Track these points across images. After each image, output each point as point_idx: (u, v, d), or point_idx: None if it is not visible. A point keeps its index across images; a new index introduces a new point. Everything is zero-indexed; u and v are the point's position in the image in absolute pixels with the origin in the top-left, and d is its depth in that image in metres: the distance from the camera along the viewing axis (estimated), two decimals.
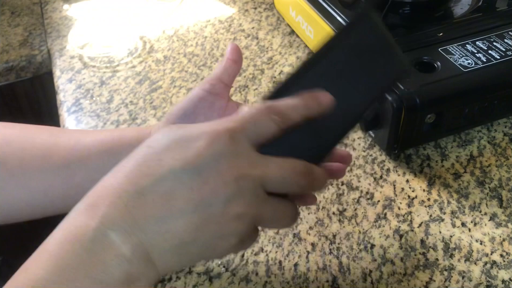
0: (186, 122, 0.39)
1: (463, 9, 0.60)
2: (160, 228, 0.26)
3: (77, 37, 0.77)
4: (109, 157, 0.38)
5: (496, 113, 0.54)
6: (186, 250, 0.27)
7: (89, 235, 0.25)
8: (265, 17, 0.78)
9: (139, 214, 0.26)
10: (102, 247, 0.25)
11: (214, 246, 0.28)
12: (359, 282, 0.42)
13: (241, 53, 0.42)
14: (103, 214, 0.26)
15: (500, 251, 0.43)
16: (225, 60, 0.42)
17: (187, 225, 0.27)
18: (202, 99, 0.40)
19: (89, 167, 0.38)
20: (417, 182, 0.50)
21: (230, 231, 0.28)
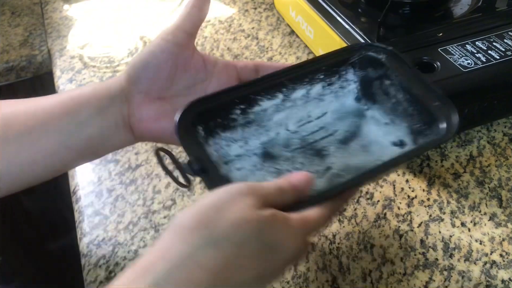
0: (148, 75, 0.38)
1: (462, 9, 0.60)
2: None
3: (77, 37, 0.77)
4: (69, 118, 0.37)
5: (495, 113, 0.54)
6: None
7: None
8: (265, 17, 0.78)
9: None
10: None
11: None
12: (359, 282, 0.42)
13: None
14: None
15: (500, 251, 0.43)
16: (189, 7, 0.38)
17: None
18: (164, 51, 0.38)
19: (51, 130, 0.37)
20: (416, 182, 0.50)
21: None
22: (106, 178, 0.53)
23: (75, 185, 0.53)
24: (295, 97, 0.42)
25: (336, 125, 0.42)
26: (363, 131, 0.42)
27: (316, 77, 0.42)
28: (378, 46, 0.41)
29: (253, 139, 0.41)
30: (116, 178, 0.53)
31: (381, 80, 0.41)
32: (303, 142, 0.41)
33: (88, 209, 0.50)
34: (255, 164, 0.40)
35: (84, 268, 0.45)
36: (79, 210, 0.50)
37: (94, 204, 0.51)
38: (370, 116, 0.42)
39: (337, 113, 0.43)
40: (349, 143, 0.41)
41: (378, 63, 0.41)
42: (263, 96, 0.40)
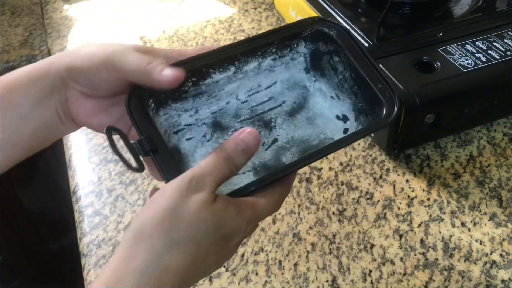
0: (91, 84, 0.37)
1: (462, 9, 0.60)
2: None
3: (78, 37, 0.77)
4: (10, 112, 0.36)
5: (495, 113, 0.54)
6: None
7: None
8: (265, 17, 0.78)
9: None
10: None
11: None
12: (359, 282, 0.42)
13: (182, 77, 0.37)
14: None
15: (500, 251, 0.43)
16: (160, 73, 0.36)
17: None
18: (113, 78, 0.36)
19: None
20: (416, 182, 0.50)
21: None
22: (106, 178, 0.53)
23: (75, 185, 0.53)
24: (247, 69, 0.42)
25: (285, 96, 0.43)
26: (309, 103, 0.43)
27: (268, 50, 0.42)
28: (331, 22, 0.42)
29: (204, 109, 0.41)
30: (116, 178, 0.53)
31: (331, 55, 0.42)
32: (252, 112, 0.42)
33: (88, 209, 0.50)
34: (205, 134, 0.41)
35: (84, 268, 0.45)
36: (79, 210, 0.50)
37: (94, 204, 0.51)
38: (317, 88, 0.43)
39: (286, 83, 0.44)
40: (295, 115, 0.42)
41: (329, 38, 0.41)
42: (215, 69, 0.40)
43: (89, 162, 0.56)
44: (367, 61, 0.39)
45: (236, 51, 0.40)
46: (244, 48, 0.41)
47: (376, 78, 0.38)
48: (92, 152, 0.57)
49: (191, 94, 0.40)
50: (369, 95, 0.38)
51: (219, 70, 0.41)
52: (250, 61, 0.42)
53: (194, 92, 0.40)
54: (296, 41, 0.42)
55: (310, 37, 0.43)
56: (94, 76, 0.36)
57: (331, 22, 0.42)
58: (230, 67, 0.41)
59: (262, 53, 0.42)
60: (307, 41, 0.43)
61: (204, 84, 0.40)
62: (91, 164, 0.55)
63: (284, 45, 0.42)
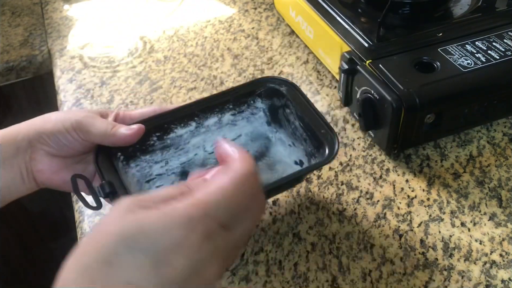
0: (56, 147, 0.41)
1: (462, 9, 0.60)
2: None
3: (78, 37, 0.77)
4: None
5: (495, 113, 0.54)
6: None
7: None
8: (265, 18, 0.78)
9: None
10: None
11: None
12: (359, 281, 0.42)
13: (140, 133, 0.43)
14: None
15: (500, 251, 0.43)
16: (119, 132, 0.41)
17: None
18: (75, 141, 0.41)
19: None
20: (416, 182, 0.50)
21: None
22: None
23: None
24: (208, 123, 0.47)
25: (248, 146, 0.48)
26: (270, 151, 0.48)
27: (225, 107, 0.47)
28: (280, 79, 0.47)
29: (173, 160, 0.46)
30: None
31: (283, 108, 0.47)
32: (217, 162, 0.45)
33: (88, 209, 0.50)
34: (173, 182, 0.46)
35: None
36: (79, 210, 0.50)
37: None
38: (278, 138, 0.49)
39: (250, 135, 0.49)
40: (257, 163, 0.47)
41: (280, 93, 0.47)
42: (176, 124, 0.45)
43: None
44: (312, 110, 0.44)
45: (195, 109, 0.45)
46: (201, 106, 0.46)
47: (319, 124, 0.43)
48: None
49: (158, 147, 0.45)
50: (315, 139, 0.43)
51: (180, 126, 0.45)
52: (209, 117, 0.46)
53: (160, 145, 0.45)
54: (252, 98, 0.48)
55: (264, 94, 0.48)
56: (63, 137, 0.41)
57: (281, 78, 0.47)
58: (191, 123, 0.46)
59: (220, 110, 0.47)
60: (262, 98, 0.48)
61: (168, 138, 0.45)
62: None
63: (241, 102, 0.47)
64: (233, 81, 0.65)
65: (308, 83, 0.64)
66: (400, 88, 0.47)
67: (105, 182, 0.39)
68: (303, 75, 0.66)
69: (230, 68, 0.68)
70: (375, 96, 0.49)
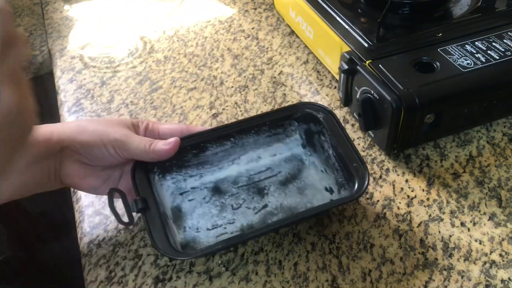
0: (88, 157, 0.43)
1: (462, 9, 0.60)
2: None
3: (78, 37, 0.77)
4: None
5: (495, 113, 0.54)
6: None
7: None
8: (265, 18, 0.79)
9: None
10: None
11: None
12: (359, 281, 0.42)
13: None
14: None
15: (499, 251, 0.44)
16: (157, 149, 0.44)
17: None
18: (112, 157, 0.44)
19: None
20: (416, 182, 0.50)
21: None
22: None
23: None
24: (243, 143, 0.49)
25: (281, 167, 0.49)
26: (302, 174, 0.49)
27: (262, 129, 0.49)
28: (319, 105, 0.48)
29: (208, 175, 0.49)
30: None
31: (319, 134, 0.48)
32: (249, 180, 0.49)
33: (88, 209, 0.50)
34: (205, 196, 0.47)
35: (84, 267, 0.45)
36: (79, 210, 0.51)
37: (95, 204, 0.51)
38: (311, 161, 0.50)
39: (285, 156, 0.50)
40: (287, 185, 0.48)
41: (317, 120, 0.48)
42: (212, 144, 0.47)
43: None
44: (346, 141, 0.45)
45: (232, 130, 0.47)
46: (239, 127, 0.48)
47: (352, 157, 0.44)
48: None
49: (193, 163, 0.48)
50: (347, 171, 0.44)
51: (216, 145, 0.47)
52: (245, 137, 0.48)
53: (196, 162, 0.48)
54: (288, 122, 0.49)
55: (301, 118, 0.49)
56: (99, 150, 0.42)
57: (319, 105, 0.48)
58: (226, 143, 0.48)
59: (256, 132, 0.49)
60: (299, 122, 0.49)
61: (204, 156, 0.48)
62: None
63: (278, 125, 0.49)
64: (233, 81, 0.66)
65: (308, 83, 0.64)
66: (400, 88, 0.47)
67: (139, 198, 0.42)
68: (303, 75, 0.66)
69: (230, 68, 0.68)
70: (375, 96, 0.49)
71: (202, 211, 0.46)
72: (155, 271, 0.44)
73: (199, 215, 0.46)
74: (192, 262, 0.44)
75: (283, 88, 0.64)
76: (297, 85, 0.64)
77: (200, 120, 0.60)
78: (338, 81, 0.56)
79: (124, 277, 0.44)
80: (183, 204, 0.47)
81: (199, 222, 0.46)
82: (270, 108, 0.61)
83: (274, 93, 0.63)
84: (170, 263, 0.45)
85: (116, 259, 0.45)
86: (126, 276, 0.44)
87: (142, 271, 0.44)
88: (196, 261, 0.44)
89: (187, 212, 0.46)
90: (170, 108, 0.62)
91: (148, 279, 0.43)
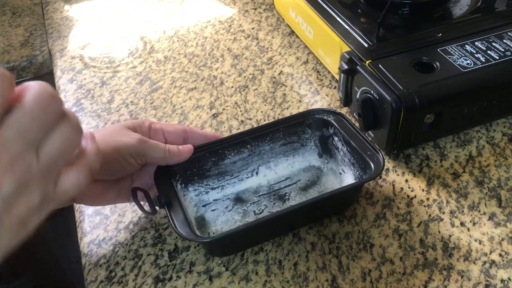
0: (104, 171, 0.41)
1: (462, 9, 0.60)
2: None
3: (78, 37, 0.77)
4: None
5: (495, 113, 0.55)
6: None
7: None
8: (265, 18, 0.79)
9: None
10: None
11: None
12: (359, 281, 0.42)
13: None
14: None
15: (499, 251, 0.44)
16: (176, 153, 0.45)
17: None
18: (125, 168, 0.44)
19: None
20: (416, 182, 0.50)
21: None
22: None
23: None
24: (260, 151, 0.50)
25: (300, 175, 0.50)
26: (322, 180, 0.50)
27: (276, 136, 0.50)
28: (328, 110, 0.50)
29: (229, 187, 0.50)
30: None
31: (332, 137, 0.50)
32: (270, 189, 0.49)
33: (88, 208, 0.50)
34: (227, 206, 0.48)
35: (84, 267, 0.45)
36: (79, 210, 0.51)
37: None
38: (329, 168, 0.51)
39: (303, 166, 0.51)
40: (308, 190, 0.49)
41: (329, 123, 0.49)
42: (230, 151, 0.48)
43: None
44: (358, 134, 0.47)
45: (247, 137, 0.49)
46: (253, 134, 0.49)
47: (365, 147, 0.45)
48: None
49: (214, 173, 0.49)
50: (362, 162, 0.45)
51: (234, 152, 0.49)
52: (261, 145, 0.49)
53: (216, 171, 0.49)
54: (302, 129, 0.50)
55: (314, 125, 0.50)
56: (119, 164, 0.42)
57: (329, 110, 0.50)
58: (243, 150, 0.49)
59: (271, 139, 0.50)
60: (312, 129, 0.50)
61: (223, 164, 0.49)
62: None
63: (291, 132, 0.50)
64: (233, 81, 0.66)
65: (308, 83, 0.64)
66: (400, 88, 0.47)
67: (162, 194, 0.43)
68: (303, 75, 0.66)
69: (230, 68, 0.68)
70: (374, 96, 0.49)
71: (225, 218, 0.47)
72: (155, 271, 0.44)
73: (223, 222, 0.47)
74: (192, 262, 0.44)
75: (283, 88, 0.64)
76: (297, 85, 0.64)
77: (200, 120, 0.60)
78: (338, 81, 0.56)
79: (124, 277, 0.44)
80: (206, 213, 0.48)
81: (223, 228, 0.46)
82: (270, 108, 0.61)
83: (274, 93, 0.63)
84: (170, 263, 0.45)
85: (116, 259, 0.45)
86: (126, 276, 0.44)
87: (142, 271, 0.44)
88: (196, 261, 0.44)
89: (210, 221, 0.47)
90: (170, 108, 0.62)
91: (148, 279, 0.43)
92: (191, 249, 0.46)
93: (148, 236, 0.47)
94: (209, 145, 0.48)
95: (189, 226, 0.40)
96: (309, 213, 0.45)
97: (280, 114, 0.60)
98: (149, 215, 0.47)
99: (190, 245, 0.46)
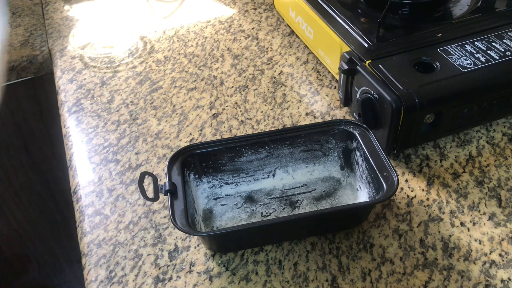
0: None
1: (462, 9, 0.60)
2: None
3: (78, 37, 0.77)
4: None
5: (495, 113, 0.55)
6: None
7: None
8: (265, 18, 0.79)
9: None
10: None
11: None
12: (359, 281, 0.42)
13: None
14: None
15: (499, 251, 0.44)
16: None
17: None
18: None
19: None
20: (416, 182, 0.50)
21: None
22: (107, 178, 0.54)
23: (76, 185, 0.53)
24: (279, 154, 0.49)
25: (317, 185, 0.50)
26: (338, 193, 0.49)
27: (297, 141, 0.49)
28: (354, 122, 0.48)
29: (243, 185, 0.49)
30: (117, 178, 0.54)
31: (355, 151, 0.48)
32: (283, 193, 0.49)
33: (88, 208, 0.50)
34: (237, 203, 0.48)
35: (84, 267, 0.45)
36: (79, 210, 0.51)
37: (95, 203, 0.51)
38: (348, 182, 0.50)
39: (322, 176, 0.50)
40: (321, 201, 0.49)
41: (354, 137, 0.48)
42: (247, 149, 0.48)
43: (90, 162, 0.56)
44: (379, 153, 0.45)
45: (266, 138, 0.48)
46: (273, 136, 0.48)
47: (383, 166, 0.44)
48: (92, 152, 0.57)
49: (229, 169, 0.48)
50: (377, 181, 0.44)
51: (251, 151, 0.48)
52: (280, 148, 0.48)
53: (231, 167, 0.48)
54: (325, 138, 0.49)
55: (338, 136, 0.49)
56: None
57: (355, 122, 0.48)
58: (261, 150, 0.48)
59: (291, 143, 0.49)
60: (336, 139, 0.49)
61: (239, 161, 0.48)
62: (92, 164, 0.56)
63: (313, 140, 0.49)
64: (233, 81, 0.66)
65: (308, 83, 0.64)
66: (400, 88, 0.47)
67: (168, 182, 0.43)
68: (303, 75, 0.66)
69: (230, 68, 0.68)
70: (374, 96, 0.49)
71: (232, 215, 0.48)
72: (155, 271, 0.44)
73: (228, 218, 0.47)
74: (192, 262, 0.44)
75: (283, 88, 0.64)
76: (297, 85, 0.64)
77: (200, 120, 0.60)
78: (338, 81, 0.56)
79: (124, 277, 0.44)
80: (215, 207, 0.48)
81: (227, 224, 0.47)
82: (270, 108, 0.61)
83: (274, 93, 0.63)
84: (170, 263, 0.45)
85: (116, 259, 0.45)
86: (126, 276, 0.44)
87: (142, 271, 0.44)
88: (196, 261, 0.45)
89: (217, 215, 0.48)
90: (170, 108, 0.62)
91: (148, 279, 0.43)
92: (191, 249, 0.46)
93: (148, 236, 0.47)
94: (226, 140, 0.47)
95: (186, 218, 0.40)
96: (310, 225, 0.45)
97: (280, 114, 0.60)
98: (149, 201, 0.47)
99: (190, 245, 0.46)
